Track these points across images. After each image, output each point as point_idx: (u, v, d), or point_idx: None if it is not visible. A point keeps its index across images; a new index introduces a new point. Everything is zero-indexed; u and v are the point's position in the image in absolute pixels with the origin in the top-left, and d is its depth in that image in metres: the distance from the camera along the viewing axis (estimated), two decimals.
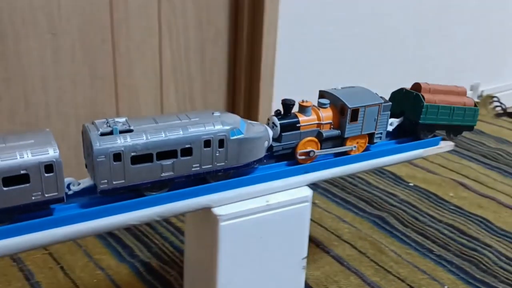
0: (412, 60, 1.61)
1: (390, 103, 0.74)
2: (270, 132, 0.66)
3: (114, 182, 0.56)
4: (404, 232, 1.09)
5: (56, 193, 0.53)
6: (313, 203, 1.17)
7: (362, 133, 0.72)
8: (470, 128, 0.88)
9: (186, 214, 0.69)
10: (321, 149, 0.69)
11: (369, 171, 0.85)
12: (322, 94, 0.73)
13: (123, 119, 0.57)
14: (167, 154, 0.58)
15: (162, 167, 0.58)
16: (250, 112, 1.26)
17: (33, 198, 0.52)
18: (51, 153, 0.52)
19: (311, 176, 0.68)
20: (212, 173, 0.62)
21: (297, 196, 0.65)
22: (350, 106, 0.69)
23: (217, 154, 0.61)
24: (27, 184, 0.51)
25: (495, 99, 1.85)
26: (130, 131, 0.56)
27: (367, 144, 0.74)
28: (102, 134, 0.55)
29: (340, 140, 0.72)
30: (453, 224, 1.12)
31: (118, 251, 0.98)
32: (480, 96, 1.82)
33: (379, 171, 1.35)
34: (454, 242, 1.06)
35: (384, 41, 1.51)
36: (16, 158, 0.50)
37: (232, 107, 1.27)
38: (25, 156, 0.51)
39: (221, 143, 0.60)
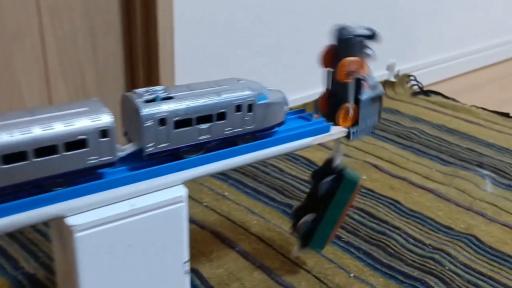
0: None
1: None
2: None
3: (159, 146, 0.60)
4: None
5: (110, 157, 0.57)
6: (223, 196, 1.12)
7: None
8: None
9: (50, 222, 0.62)
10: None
11: (253, 164, 0.82)
12: None
13: (161, 88, 0.62)
14: (204, 118, 0.63)
15: (200, 131, 0.63)
16: None
17: (89, 162, 0.55)
18: (106, 119, 0.55)
19: (187, 174, 0.62)
20: (241, 136, 0.67)
21: (169, 197, 0.59)
22: None
23: (246, 118, 0.66)
24: (85, 149, 0.55)
25: (411, 78, 1.86)
26: (171, 98, 0.61)
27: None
28: (147, 101, 0.59)
29: None
30: (364, 208, 1.10)
31: (0, 264, 0.89)
32: (396, 76, 1.82)
33: (292, 157, 1.31)
34: (364, 227, 1.04)
35: (293, 25, 1.47)
36: (75, 125, 0.53)
37: None
38: (83, 122, 0.54)
39: (250, 107, 0.66)
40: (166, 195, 0.59)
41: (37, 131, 0.51)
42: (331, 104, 0.79)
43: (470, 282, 0.90)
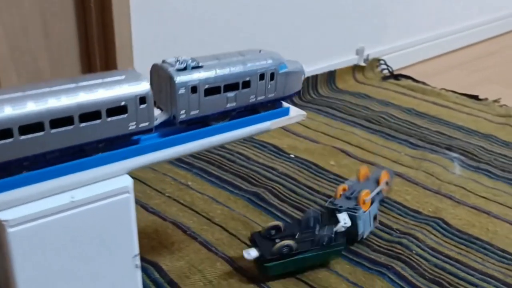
0: (298, 27, 1.54)
1: None
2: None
3: (191, 113, 0.63)
4: (280, 208, 1.03)
5: (148, 123, 0.59)
6: (186, 185, 1.08)
7: None
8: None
9: None
10: None
11: (206, 150, 0.80)
12: None
13: (189, 58, 0.64)
14: (231, 86, 0.66)
15: (227, 98, 0.66)
16: None
17: (129, 128, 0.58)
18: (144, 86, 0.58)
19: (133, 163, 0.58)
20: (264, 103, 0.71)
21: (112, 188, 0.55)
22: None
23: (269, 86, 0.70)
24: (125, 115, 0.57)
25: (381, 62, 1.85)
26: (200, 67, 0.63)
27: None
28: (178, 70, 0.61)
29: None
30: (330, 195, 1.08)
31: None
32: (366, 60, 1.80)
33: (260, 144, 1.28)
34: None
35: (259, 4, 1.43)
36: (117, 91, 0.56)
37: None
38: (124, 89, 0.56)
39: (272, 76, 0.70)
40: (108, 186, 0.55)
41: (82, 97, 0.54)
42: None
43: (437, 266, 0.89)
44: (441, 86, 1.76)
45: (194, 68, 0.62)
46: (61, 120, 0.52)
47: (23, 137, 0.51)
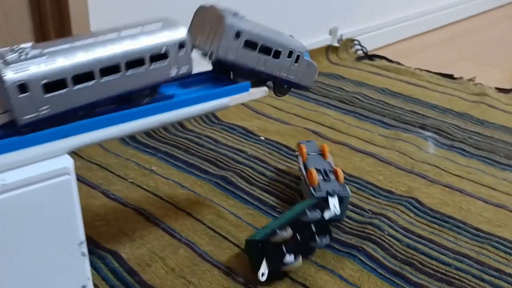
0: (269, 6, 1.49)
1: None
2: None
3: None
4: (248, 191, 0.99)
5: (188, 66, 0.61)
6: (150, 170, 1.04)
7: None
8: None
9: None
10: None
11: (157, 128, 0.75)
12: None
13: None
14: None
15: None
16: None
17: (171, 73, 0.60)
18: (182, 32, 0.60)
19: (74, 141, 0.54)
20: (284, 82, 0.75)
21: (50, 169, 0.51)
22: None
23: (292, 67, 0.74)
24: (167, 60, 0.59)
25: (355, 42, 1.81)
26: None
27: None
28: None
29: None
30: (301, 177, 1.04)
31: None
32: (339, 40, 1.76)
33: (229, 127, 1.24)
34: (300, 196, 0.98)
35: None
36: (158, 38, 0.58)
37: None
38: (164, 35, 0.58)
39: (297, 58, 0.74)
40: (45, 167, 0.51)
41: (128, 45, 0.55)
42: None
43: (410, 246, 0.86)
44: (416, 66, 1.74)
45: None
46: (110, 68, 0.54)
47: (76, 87, 0.52)
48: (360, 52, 1.83)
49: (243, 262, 0.80)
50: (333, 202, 0.87)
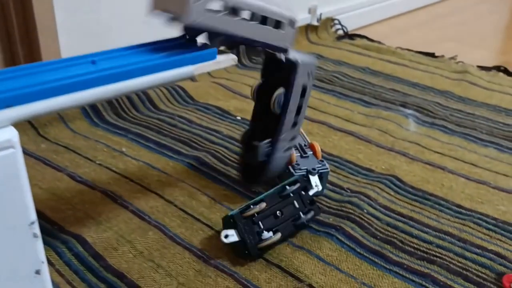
0: None
1: None
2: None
3: None
4: (223, 171, 0.95)
5: (289, 44, 0.74)
6: (121, 152, 0.99)
7: None
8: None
9: None
10: None
11: (108, 99, 0.68)
12: None
13: None
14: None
15: None
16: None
17: (280, 43, 0.73)
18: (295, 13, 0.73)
19: (19, 111, 0.49)
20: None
21: None
22: None
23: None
24: (282, 31, 0.72)
25: (335, 21, 1.77)
26: None
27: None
28: None
29: None
30: None
31: None
32: (319, 19, 1.72)
33: (203, 107, 1.19)
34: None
35: None
36: (282, 11, 0.71)
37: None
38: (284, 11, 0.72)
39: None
40: None
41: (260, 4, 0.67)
42: None
43: (390, 225, 0.83)
44: (397, 46, 1.70)
45: None
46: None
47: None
48: (340, 32, 1.79)
49: (216, 243, 0.76)
50: (314, 180, 0.84)
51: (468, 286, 0.71)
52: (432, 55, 1.62)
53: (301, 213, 0.79)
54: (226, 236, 0.72)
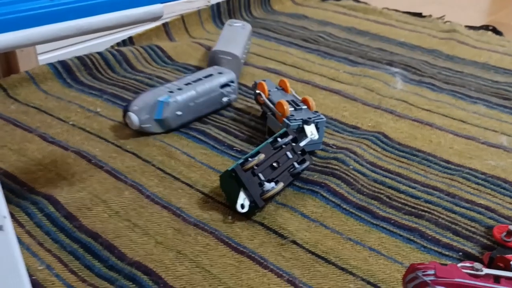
0: None
1: None
2: None
3: None
4: (203, 130, 0.91)
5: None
6: (95, 113, 0.94)
7: None
8: None
9: None
10: None
11: (66, 37, 0.59)
12: None
13: None
14: None
15: None
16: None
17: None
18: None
19: None
20: None
21: None
22: None
23: None
24: None
25: None
26: None
27: None
28: None
29: None
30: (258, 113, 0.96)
31: None
32: None
33: (182, 67, 1.14)
34: (259, 134, 0.91)
35: None
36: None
37: None
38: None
39: None
40: None
41: None
42: None
43: (376, 181, 0.80)
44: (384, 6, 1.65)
45: None
46: None
47: None
48: None
49: (195, 201, 0.73)
50: (310, 129, 0.81)
51: (458, 240, 0.69)
52: (419, 15, 1.58)
53: (295, 163, 0.77)
54: (243, 206, 0.69)
